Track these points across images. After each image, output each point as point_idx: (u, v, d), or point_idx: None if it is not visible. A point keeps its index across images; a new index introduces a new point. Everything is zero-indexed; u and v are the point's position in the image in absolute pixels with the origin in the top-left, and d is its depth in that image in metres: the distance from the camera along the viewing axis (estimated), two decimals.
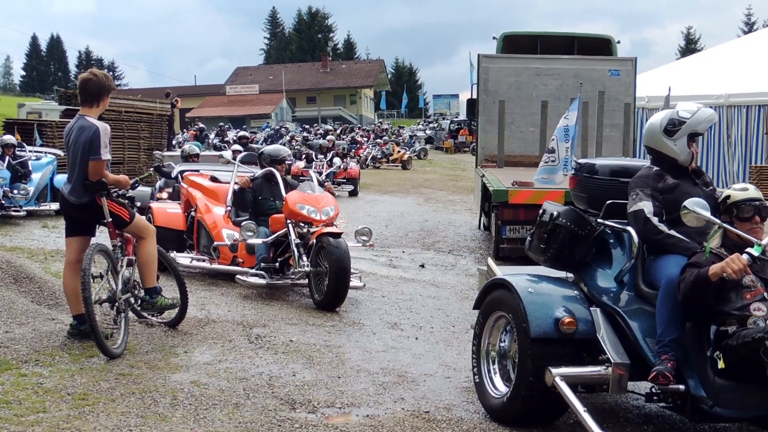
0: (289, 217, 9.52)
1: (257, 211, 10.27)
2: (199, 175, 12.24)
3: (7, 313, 7.47)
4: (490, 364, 5.82)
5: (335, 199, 10.09)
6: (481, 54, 16.00)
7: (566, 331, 5.21)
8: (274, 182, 10.37)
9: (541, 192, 10.77)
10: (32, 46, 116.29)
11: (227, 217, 10.66)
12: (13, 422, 5.13)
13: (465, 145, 47.93)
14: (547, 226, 5.73)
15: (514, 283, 5.51)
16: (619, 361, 5.04)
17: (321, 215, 9.46)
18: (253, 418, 5.44)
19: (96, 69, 7.42)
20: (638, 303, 5.27)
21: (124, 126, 25.02)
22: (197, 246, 11.06)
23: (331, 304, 8.95)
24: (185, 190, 11.68)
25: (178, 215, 11.48)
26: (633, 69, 15.56)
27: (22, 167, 16.31)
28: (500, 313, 5.70)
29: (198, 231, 11.07)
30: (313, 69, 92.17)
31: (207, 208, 10.98)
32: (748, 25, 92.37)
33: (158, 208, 11.65)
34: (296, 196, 9.62)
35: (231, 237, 10.22)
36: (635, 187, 5.46)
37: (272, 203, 10.25)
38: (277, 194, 10.22)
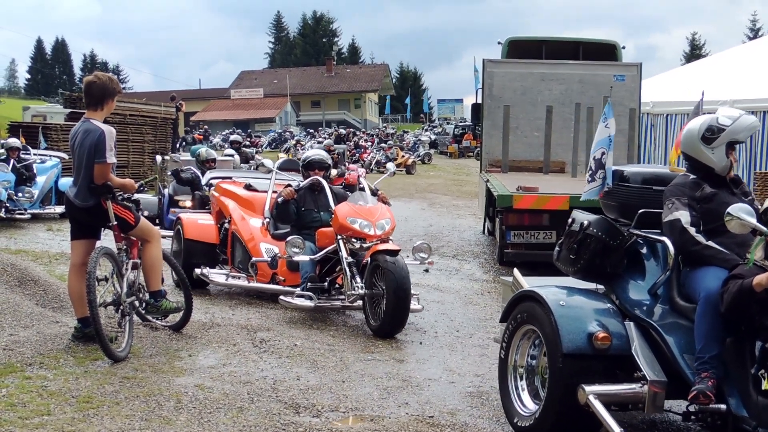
0: (338, 232, 8.63)
1: (300, 223, 9.33)
2: (233, 182, 11.28)
3: (11, 316, 7.47)
4: (517, 381, 5.58)
5: (391, 210, 9.18)
6: (486, 59, 15.99)
7: (600, 347, 4.97)
8: (318, 191, 9.45)
9: (546, 197, 10.78)
10: (37, 49, 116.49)
11: (265, 230, 9.74)
12: (18, 425, 5.14)
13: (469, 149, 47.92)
14: (577, 236, 5.50)
15: (544, 296, 5.26)
16: (656, 378, 4.82)
17: (375, 230, 8.56)
18: (257, 421, 5.43)
19: (101, 72, 7.44)
20: (674, 317, 5.04)
21: (128, 129, 25.12)
22: (231, 261, 10.14)
23: (389, 331, 8.04)
24: (217, 200, 10.71)
25: (210, 227, 10.50)
26: (638, 74, 15.54)
27: (27, 170, 16.34)
28: (529, 327, 5.45)
29: (232, 245, 10.13)
30: (318, 73, 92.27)
31: (242, 219, 10.04)
32: (753, 31, 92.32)
33: (188, 219, 10.66)
34: (347, 209, 8.71)
35: (270, 252, 9.36)
36: (671, 195, 5.21)
37: (317, 215, 9.32)
38: (322, 205, 9.33)
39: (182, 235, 10.29)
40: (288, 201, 9.25)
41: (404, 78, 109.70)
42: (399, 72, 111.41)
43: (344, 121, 78.98)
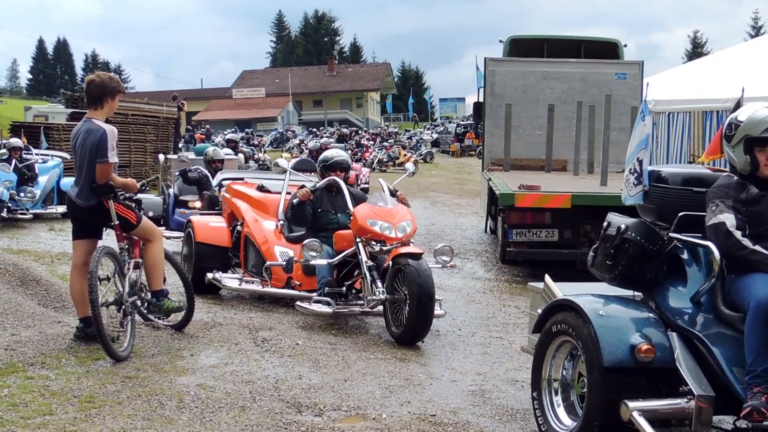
0: (358, 235, 8.27)
1: (316, 226, 8.94)
2: (245, 183, 10.88)
3: (13, 316, 7.47)
4: (552, 396, 5.28)
5: (411, 212, 8.80)
6: (488, 57, 16.00)
7: (643, 360, 4.65)
8: (334, 192, 9.06)
9: (548, 196, 10.77)
10: (39, 49, 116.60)
11: (279, 232, 9.38)
12: (20, 425, 5.14)
13: (471, 148, 47.93)
14: (614, 241, 5.16)
15: (582, 305, 4.94)
16: (703, 393, 4.51)
17: (396, 232, 8.20)
18: (259, 421, 5.43)
19: (102, 72, 7.44)
20: (719, 327, 4.72)
21: (130, 129, 25.12)
22: (244, 265, 9.86)
23: (412, 338, 7.70)
24: (229, 201, 10.42)
25: (222, 230, 10.18)
26: (640, 73, 15.56)
27: (29, 170, 16.35)
28: (565, 339, 5.15)
29: (245, 248, 9.84)
30: (320, 72, 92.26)
31: (255, 221, 9.74)
32: (755, 29, 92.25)
33: (199, 222, 10.34)
34: (366, 210, 8.34)
35: (284, 255, 9.03)
36: (714, 197, 4.91)
37: (334, 217, 8.95)
38: (340, 206, 8.95)
39: (193, 238, 10.00)
40: (304, 202, 8.86)
41: (406, 77, 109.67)
42: (401, 71, 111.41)
43: (346, 120, 78.97)
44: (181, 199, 13.57)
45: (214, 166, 13.91)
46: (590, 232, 10.80)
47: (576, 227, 10.80)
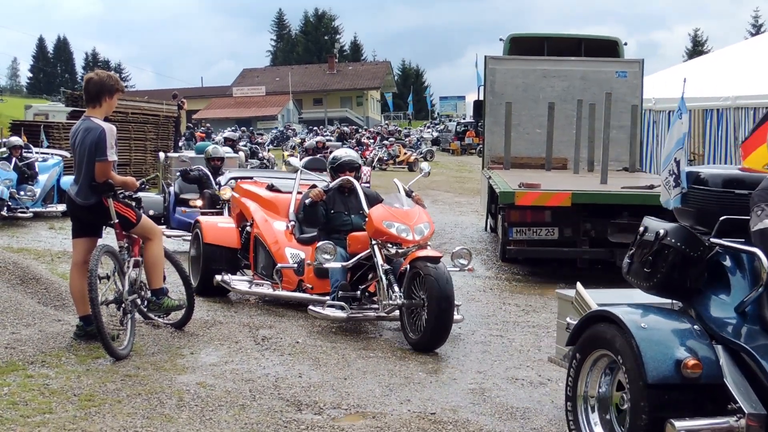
0: (373, 237, 7.95)
1: (328, 227, 8.66)
2: (254, 183, 10.59)
3: (13, 314, 7.48)
4: (588, 413, 4.94)
5: (428, 213, 8.50)
6: (488, 56, 15.99)
7: (690, 375, 4.32)
8: (347, 193, 8.80)
9: (548, 194, 10.76)
10: (39, 47, 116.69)
11: (290, 233, 9.14)
12: (20, 423, 5.14)
13: (471, 146, 47.97)
14: (653, 247, 4.81)
15: (622, 317, 4.59)
16: (753, 411, 4.21)
17: (414, 234, 7.86)
18: (259, 419, 5.43)
19: (101, 70, 7.44)
20: (767, 338, 4.38)
21: (130, 127, 25.10)
22: (254, 267, 9.61)
23: (431, 344, 7.40)
24: (238, 201, 10.13)
25: (231, 231, 9.87)
26: (640, 71, 15.54)
27: (29, 169, 16.36)
28: (602, 352, 4.81)
29: (255, 249, 9.57)
30: (320, 71, 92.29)
31: (265, 222, 9.45)
32: (756, 27, 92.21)
33: (208, 222, 10.02)
34: (382, 212, 8.02)
35: (295, 257, 8.86)
36: (760, 201, 4.57)
37: (347, 218, 8.68)
38: (353, 207, 8.70)
39: (201, 239, 9.68)
40: (316, 203, 8.59)
41: (406, 75, 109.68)
42: (401, 69, 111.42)
43: (346, 119, 79.00)
44: (181, 197, 13.56)
45: (213, 164, 13.83)
46: (590, 230, 10.81)
47: (576, 225, 10.80)
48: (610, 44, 16.78)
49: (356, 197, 8.69)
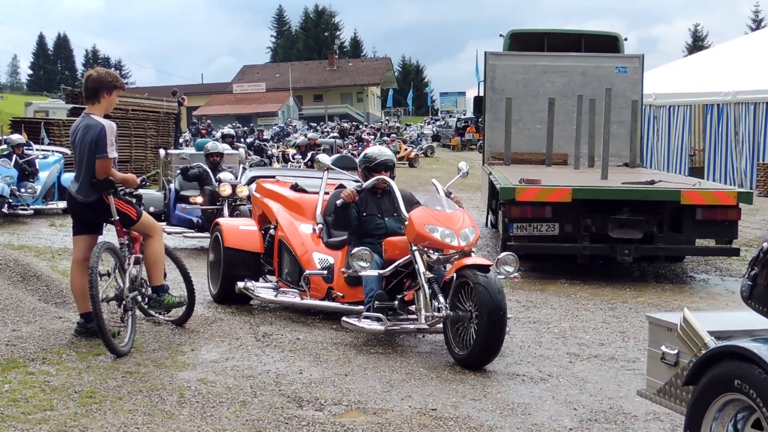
0: (414, 242, 7.29)
1: (360, 231, 8.02)
2: (276, 182, 9.99)
3: (14, 312, 7.48)
4: None
5: (471, 216, 7.72)
6: (488, 51, 15.98)
7: None
8: (380, 194, 8.17)
9: (548, 189, 10.75)
10: (39, 45, 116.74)
11: (317, 237, 8.53)
12: (21, 420, 5.14)
13: (472, 142, 48.02)
14: None
15: (761, 354, 3.82)
16: None
17: (459, 240, 7.19)
18: (260, 415, 5.43)
19: (101, 67, 7.45)
20: None
21: (131, 124, 25.12)
22: (278, 273, 9.00)
23: (480, 361, 6.74)
24: (260, 202, 9.53)
25: (253, 234, 9.23)
26: (640, 66, 15.53)
27: (30, 166, 16.38)
28: (733, 396, 4.04)
29: (279, 254, 8.95)
30: (320, 67, 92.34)
31: (291, 224, 8.84)
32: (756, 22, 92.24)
33: (228, 225, 9.43)
34: (424, 215, 7.34)
35: (324, 263, 8.30)
36: None
37: (380, 221, 8.02)
38: (387, 210, 8.06)
39: (222, 243, 9.05)
40: (348, 204, 7.92)
41: (406, 71, 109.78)
42: (401, 65, 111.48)
43: (347, 115, 79.02)
44: (182, 194, 13.58)
45: (212, 159, 13.77)
46: (591, 225, 10.80)
47: (577, 221, 10.78)
48: (610, 39, 16.78)
49: (390, 199, 8.05)
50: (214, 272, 9.27)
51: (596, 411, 5.76)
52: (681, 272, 11.97)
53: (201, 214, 13.00)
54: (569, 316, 8.88)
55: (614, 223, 10.66)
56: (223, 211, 12.59)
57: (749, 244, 13.82)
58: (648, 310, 9.19)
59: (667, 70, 29.50)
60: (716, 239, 11.44)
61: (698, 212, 10.59)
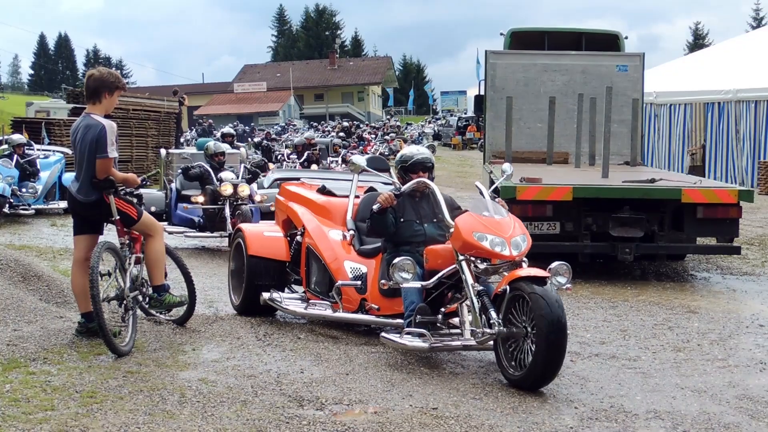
0: (461, 251, 6.66)
1: (397, 238, 7.37)
2: (301, 184, 9.36)
3: (15, 312, 7.48)
4: None
5: (521, 222, 7.05)
6: (489, 50, 15.98)
7: None
8: (418, 197, 7.51)
9: (550, 188, 10.75)
10: (40, 44, 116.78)
11: (348, 244, 7.93)
12: (21, 420, 5.14)
13: (473, 141, 47.97)
14: None
15: None
16: None
17: (511, 249, 6.61)
18: (261, 415, 5.43)
19: (103, 67, 7.45)
20: None
21: (132, 124, 25.15)
22: (306, 282, 8.37)
23: (538, 382, 6.15)
24: (284, 206, 8.93)
25: (279, 241, 8.62)
26: (641, 65, 15.53)
27: (31, 166, 16.40)
28: None
29: (307, 262, 8.34)
30: (321, 66, 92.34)
31: (319, 231, 8.23)
32: (757, 21, 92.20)
33: (252, 231, 8.79)
34: (472, 221, 6.70)
35: (356, 272, 7.71)
36: None
37: (419, 228, 7.36)
38: (426, 215, 7.42)
39: (245, 250, 8.46)
40: (385, 210, 7.28)
41: (407, 70, 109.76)
42: (402, 64, 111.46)
43: (348, 114, 78.99)
44: (183, 194, 13.56)
45: (217, 159, 13.66)
46: (592, 224, 10.79)
47: (577, 220, 10.78)
48: (611, 38, 16.78)
49: (429, 203, 7.46)
50: (235, 281, 8.74)
51: (597, 409, 5.76)
52: (682, 271, 11.96)
53: (202, 214, 12.98)
54: (570, 314, 8.86)
55: (615, 221, 10.66)
56: (225, 210, 12.59)
57: (750, 242, 13.83)
58: (650, 310, 9.20)
59: (667, 68, 29.50)
60: (717, 237, 11.45)
61: (699, 210, 10.59)
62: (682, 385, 6.38)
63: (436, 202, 7.30)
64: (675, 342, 7.79)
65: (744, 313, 9.19)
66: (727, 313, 9.09)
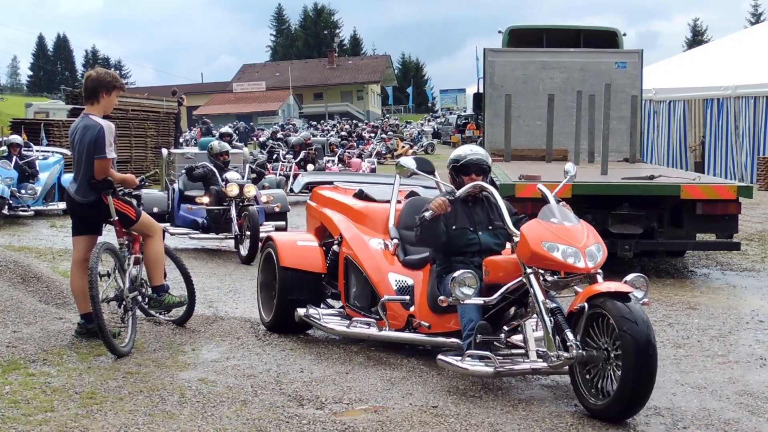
0: (529, 263, 5.93)
1: (449, 248, 6.64)
2: (335, 189, 8.58)
3: (15, 313, 7.49)
4: None
5: (593, 229, 6.29)
6: (487, 48, 15.97)
7: None
8: (471, 202, 6.74)
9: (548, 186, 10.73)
10: (39, 45, 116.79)
11: (391, 254, 7.19)
12: (21, 422, 5.14)
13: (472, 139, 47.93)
14: None
15: None
16: None
17: (586, 261, 5.89)
18: (260, 414, 5.43)
19: (102, 68, 7.46)
20: None
21: (131, 124, 25.14)
22: (345, 297, 7.59)
23: (625, 412, 5.44)
24: (317, 212, 8.28)
25: (314, 251, 7.82)
26: (639, 61, 15.51)
27: (30, 167, 16.39)
28: None
29: (346, 274, 7.57)
30: (320, 65, 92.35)
31: (359, 239, 7.49)
32: (755, 16, 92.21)
33: (284, 240, 7.96)
34: (540, 230, 5.98)
35: (401, 285, 7.00)
36: None
37: (473, 236, 6.62)
38: (480, 222, 6.69)
39: (277, 261, 7.70)
40: (438, 217, 6.49)
41: (406, 69, 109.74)
42: (401, 63, 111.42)
43: (347, 113, 78.97)
44: (186, 194, 13.22)
45: (222, 159, 13.28)
46: (591, 221, 10.76)
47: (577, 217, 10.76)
48: (609, 35, 16.76)
49: (483, 208, 6.77)
50: (265, 295, 8.04)
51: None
52: (682, 267, 11.96)
53: (206, 215, 12.70)
54: None
55: (614, 218, 10.64)
56: (231, 212, 12.31)
57: (750, 238, 13.82)
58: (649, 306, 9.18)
59: (666, 64, 29.47)
60: (717, 234, 11.44)
61: (698, 207, 10.58)
62: (682, 382, 6.38)
63: (492, 207, 6.70)
64: (675, 338, 7.79)
65: (744, 309, 9.18)
66: (727, 309, 9.09)
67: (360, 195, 8.13)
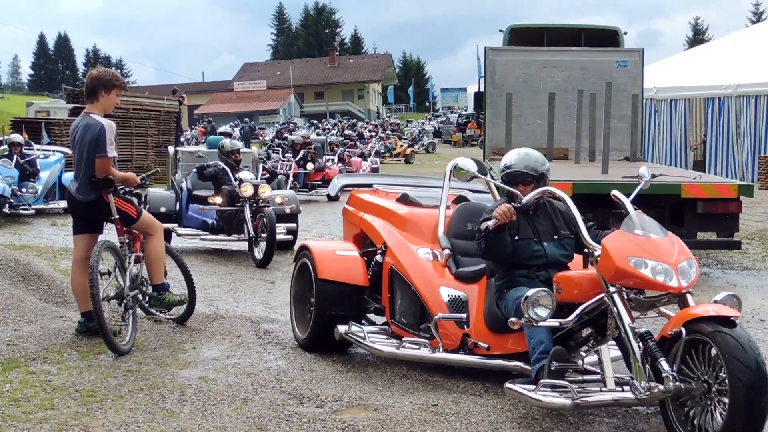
0: (613, 281, 5.22)
1: (511, 260, 5.95)
2: (375, 192, 7.90)
3: (15, 311, 7.49)
4: None
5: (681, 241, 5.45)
6: (488, 47, 15.95)
7: None
8: (533, 210, 6.05)
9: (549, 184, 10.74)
10: (40, 44, 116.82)
11: (442, 265, 6.53)
12: (22, 419, 5.15)
13: (473, 138, 48.00)
14: None
15: None
16: None
17: (679, 279, 5.12)
18: (261, 413, 5.43)
19: (102, 67, 7.47)
20: None
21: (132, 123, 25.16)
22: (390, 313, 6.86)
23: None
24: (356, 218, 7.57)
25: (355, 261, 7.06)
26: (640, 60, 15.49)
27: (31, 166, 16.40)
28: None
29: (391, 287, 6.83)
30: (321, 64, 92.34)
31: (405, 249, 6.77)
32: (756, 15, 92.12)
33: (322, 249, 7.21)
34: (625, 243, 5.27)
35: (455, 300, 6.33)
36: None
37: (538, 248, 5.94)
38: (545, 231, 6.02)
39: (314, 273, 6.95)
40: (504, 227, 5.78)
41: (407, 68, 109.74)
42: (402, 62, 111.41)
43: (348, 112, 78.98)
44: (196, 194, 12.80)
45: (234, 157, 12.73)
46: (591, 220, 10.77)
47: None
48: (610, 34, 16.74)
49: (547, 216, 6.11)
50: (300, 311, 7.37)
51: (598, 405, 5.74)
52: None
53: (216, 216, 12.22)
54: None
55: (615, 217, 10.63)
56: (245, 212, 11.81)
57: (750, 237, 13.82)
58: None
59: (667, 63, 29.45)
60: (717, 232, 11.42)
61: (699, 205, 10.56)
62: None
63: (556, 214, 6.15)
64: None
65: (744, 308, 9.09)
66: None
67: (404, 199, 7.43)
